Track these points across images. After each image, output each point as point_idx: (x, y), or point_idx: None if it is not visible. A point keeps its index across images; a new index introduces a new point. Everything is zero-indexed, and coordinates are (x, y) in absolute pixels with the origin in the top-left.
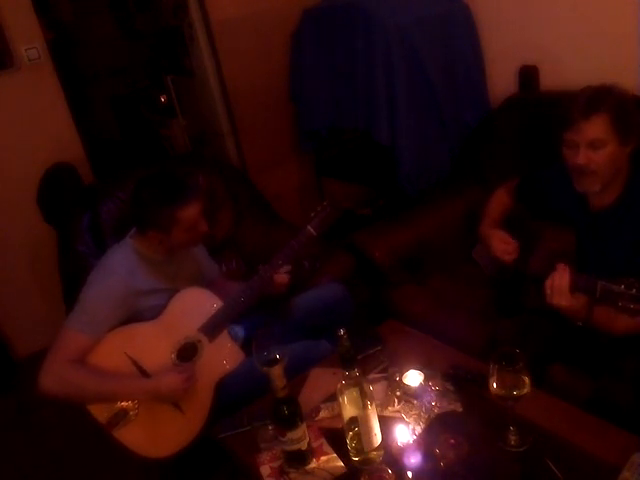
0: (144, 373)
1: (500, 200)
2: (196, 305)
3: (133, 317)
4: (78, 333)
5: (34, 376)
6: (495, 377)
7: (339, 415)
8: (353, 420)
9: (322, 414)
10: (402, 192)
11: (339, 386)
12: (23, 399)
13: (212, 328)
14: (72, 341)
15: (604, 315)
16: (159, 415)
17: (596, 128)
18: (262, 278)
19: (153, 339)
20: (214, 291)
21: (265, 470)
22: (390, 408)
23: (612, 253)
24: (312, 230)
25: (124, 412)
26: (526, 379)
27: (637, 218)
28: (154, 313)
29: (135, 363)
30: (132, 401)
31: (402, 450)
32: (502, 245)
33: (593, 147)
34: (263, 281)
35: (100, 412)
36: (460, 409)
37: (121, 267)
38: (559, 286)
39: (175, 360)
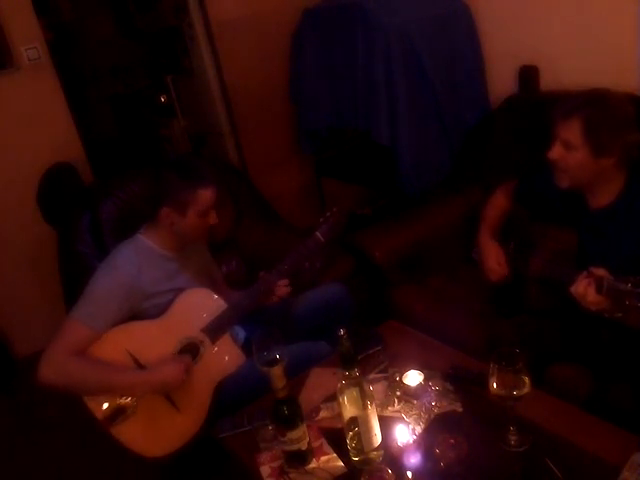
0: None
1: (498, 204)
2: (200, 305)
3: (137, 315)
4: (80, 325)
5: (34, 376)
6: (495, 377)
7: (339, 415)
8: (353, 420)
9: (322, 414)
10: (402, 192)
11: (339, 386)
12: (23, 399)
13: (215, 329)
14: (74, 333)
15: None
16: (157, 413)
17: (569, 130)
18: (265, 283)
19: (155, 337)
20: (216, 293)
21: (265, 470)
22: (390, 408)
23: (613, 252)
24: (320, 237)
25: (122, 409)
26: (526, 379)
27: (637, 217)
28: (158, 311)
29: (136, 360)
30: (130, 398)
31: (402, 450)
32: (494, 265)
33: (566, 147)
34: (266, 287)
35: (98, 408)
36: (460, 409)
37: (129, 264)
38: (585, 294)
39: None
